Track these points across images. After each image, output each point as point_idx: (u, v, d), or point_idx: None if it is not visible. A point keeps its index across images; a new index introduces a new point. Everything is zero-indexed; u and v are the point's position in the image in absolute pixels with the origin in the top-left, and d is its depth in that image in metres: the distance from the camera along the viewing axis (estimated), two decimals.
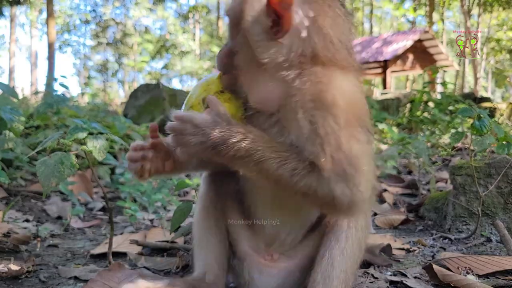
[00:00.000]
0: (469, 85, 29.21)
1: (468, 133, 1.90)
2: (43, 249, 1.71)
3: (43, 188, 1.27)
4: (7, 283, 1.33)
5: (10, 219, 2.01)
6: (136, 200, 2.54)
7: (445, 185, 2.78)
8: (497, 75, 29.55)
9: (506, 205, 1.76)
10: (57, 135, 1.33)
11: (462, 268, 1.36)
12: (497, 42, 25.74)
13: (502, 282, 1.29)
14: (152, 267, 1.48)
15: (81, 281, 1.36)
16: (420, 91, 6.89)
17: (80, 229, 2.08)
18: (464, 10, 21.56)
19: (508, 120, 6.67)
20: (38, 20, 32.46)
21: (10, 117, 1.57)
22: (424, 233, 1.94)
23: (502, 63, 28.96)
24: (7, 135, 1.63)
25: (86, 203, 2.56)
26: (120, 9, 34.70)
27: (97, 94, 14.00)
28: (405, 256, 1.60)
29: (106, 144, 1.38)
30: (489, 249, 1.66)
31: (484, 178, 1.80)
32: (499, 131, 1.65)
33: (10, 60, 29.31)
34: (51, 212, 2.27)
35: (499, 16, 24.28)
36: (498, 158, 1.80)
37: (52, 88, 3.54)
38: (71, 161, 1.29)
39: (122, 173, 3.03)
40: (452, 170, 1.91)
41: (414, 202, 2.50)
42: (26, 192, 2.50)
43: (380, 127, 5.11)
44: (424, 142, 2.62)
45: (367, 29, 31.88)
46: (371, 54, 17.13)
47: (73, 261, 1.58)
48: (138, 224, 2.19)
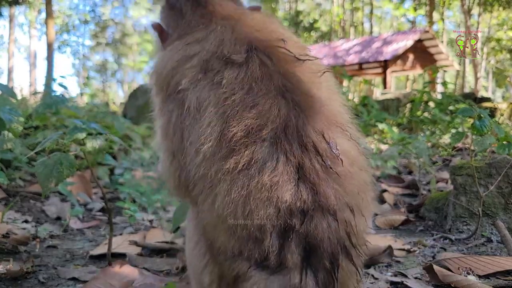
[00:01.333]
0: (469, 85, 29.22)
1: (468, 133, 1.90)
2: (42, 250, 1.71)
3: (42, 189, 1.26)
4: (6, 284, 1.32)
5: (9, 219, 2.01)
6: (135, 200, 2.53)
7: (446, 185, 2.78)
8: (497, 75, 29.55)
9: (506, 205, 1.75)
10: (56, 136, 1.32)
11: (463, 268, 1.35)
12: (497, 42, 25.72)
13: (502, 283, 1.29)
14: (151, 268, 1.47)
15: (80, 282, 1.36)
16: (421, 91, 6.89)
17: (79, 230, 2.08)
18: (464, 9, 21.56)
19: (509, 120, 6.67)
20: (37, 20, 32.44)
21: (9, 117, 1.56)
22: (425, 234, 1.94)
23: (502, 63, 28.95)
24: (6, 136, 1.62)
25: (85, 203, 2.55)
26: (119, 9, 34.72)
27: (96, 95, 13.96)
28: (406, 256, 1.60)
29: (106, 144, 1.37)
30: (490, 249, 1.65)
31: (484, 178, 1.79)
32: (499, 131, 1.64)
33: (9, 60, 29.28)
34: (50, 213, 2.26)
35: (500, 16, 24.27)
36: (498, 158, 1.80)
37: (51, 89, 3.53)
38: (70, 162, 1.29)
39: (121, 174, 3.02)
40: (452, 170, 1.90)
41: (414, 202, 2.49)
42: (25, 192, 2.49)
43: (380, 127, 5.10)
44: (424, 142, 2.61)
45: (367, 29, 31.87)
46: (371, 54, 17.12)
47: (73, 262, 1.58)
48: (138, 224, 2.19)
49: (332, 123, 0.84)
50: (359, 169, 0.84)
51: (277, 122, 0.80)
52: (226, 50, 0.90)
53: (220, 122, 0.82)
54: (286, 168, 0.77)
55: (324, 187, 0.78)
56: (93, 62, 37.58)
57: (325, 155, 0.80)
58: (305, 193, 0.77)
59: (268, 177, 0.77)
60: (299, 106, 0.83)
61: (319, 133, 0.81)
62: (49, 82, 3.89)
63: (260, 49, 0.89)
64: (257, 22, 0.98)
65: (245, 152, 0.78)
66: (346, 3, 31.26)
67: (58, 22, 32.34)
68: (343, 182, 0.80)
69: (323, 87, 0.91)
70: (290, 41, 0.94)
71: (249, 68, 0.86)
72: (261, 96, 0.83)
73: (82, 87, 31.78)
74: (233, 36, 0.93)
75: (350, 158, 0.83)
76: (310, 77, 0.90)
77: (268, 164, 0.78)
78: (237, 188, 0.78)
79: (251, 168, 0.78)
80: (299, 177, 0.78)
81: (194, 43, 0.96)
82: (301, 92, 0.85)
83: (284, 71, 0.87)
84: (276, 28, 0.99)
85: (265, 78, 0.85)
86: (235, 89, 0.84)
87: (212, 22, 1.00)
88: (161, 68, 0.99)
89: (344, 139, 0.84)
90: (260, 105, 0.82)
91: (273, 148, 0.79)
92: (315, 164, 0.78)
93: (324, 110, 0.85)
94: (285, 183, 0.77)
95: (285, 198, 0.76)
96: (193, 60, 0.91)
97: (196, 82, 0.89)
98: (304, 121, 0.81)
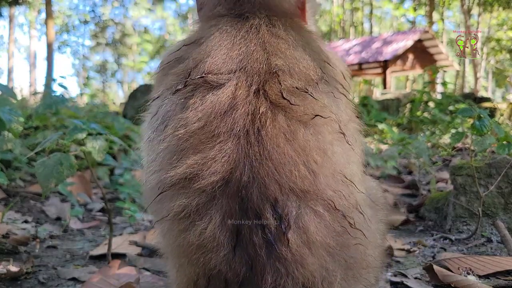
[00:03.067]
0: (469, 85, 29.21)
1: (468, 133, 1.90)
2: (42, 250, 1.70)
3: (42, 189, 1.26)
4: (6, 284, 1.32)
5: (9, 220, 2.01)
6: (135, 201, 2.53)
7: (446, 186, 2.78)
8: (497, 75, 29.56)
9: (506, 205, 1.75)
10: (56, 136, 1.32)
11: (463, 268, 1.35)
12: (497, 42, 25.72)
13: (503, 283, 1.28)
14: (151, 268, 1.47)
15: (80, 282, 1.36)
16: (420, 91, 6.90)
17: (79, 230, 2.08)
18: (464, 9, 21.56)
19: (509, 120, 6.67)
20: (37, 20, 32.46)
21: (9, 117, 1.56)
22: (425, 234, 1.94)
23: (502, 63, 28.95)
24: (6, 136, 1.62)
25: (85, 204, 2.55)
26: (119, 9, 34.72)
27: (96, 95, 13.95)
28: (405, 256, 1.60)
29: (106, 144, 1.37)
30: (490, 249, 1.65)
31: (484, 178, 1.79)
32: (499, 131, 1.64)
33: (9, 61, 29.27)
34: (50, 213, 2.26)
35: (499, 16, 24.27)
36: (498, 158, 1.80)
37: (51, 89, 3.53)
38: (70, 162, 1.29)
39: (121, 174, 3.02)
40: (452, 170, 1.90)
41: (414, 202, 2.49)
42: (25, 193, 2.49)
43: (380, 127, 5.10)
44: (424, 142, 2.61)
45: (367, 29, 31.88)
46: (371, 54, 17.12)
47: (72, 262, 1.58)
48: (138, 225, 2.18)
49: (307, 186, 0.65)
50: (324, 252, 0.67)
51: (220, 173, 0.65)
52: (211, 65, 0.72)
53: (166, 152, 0.70)
54: (218, 232, 0.65)
55: (262, 266, 0.65)
56: (93, 62, 37.59)
57: (270, 228, 0.64)
58: (239, 265, 0.65)
59: (196, 236, 0.66)
60: (260, 157, 0.65)
61: (265, 198, 0.64)
62: (49, 82, 3.89)
63: (248, 74, 0.71)
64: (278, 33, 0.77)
65: (179, 200, 0.67)
66: (346, 3, 31.26)
67: (58, 22, 32.35)
68: (287, 264, 0.65)
69: (325, 132, 0.70)
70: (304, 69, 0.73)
71: (218, 95, 0.69)
72: (214, 136, 0.67)
73: (82, 87, 31.69)
74: (233, 46, 0.75)
75: (310, 237, 0.65)
76: (303, 117, 0.69)
77: (199, 222, 0.65)
78: (169, 237, 0.70)
79: (181, 220, 0.67)
80: (236, 245, 0.65)
81: (197, 42, 0.79)
82: (275, 139, 0.66)
83: (265, 109, 0.68)
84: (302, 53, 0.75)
85: (229, 113, 0.68)
86: (193, 119, 0.68)
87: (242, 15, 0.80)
88: (165, 55, 0.83)
89: (322, 209, 0.66)
90: (209, 149, 0.66)
91: (210, 204, 0.65)
92: (253, 236, 0.64)
93: (303, 164, 0.66)
94: (215, 248, 0.65)
95: (213, 263, 0.66)
96: (182, 65, 0.76)
97: (172, 92, 0.74)
98: (255, 177, 0.64)
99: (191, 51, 0.76)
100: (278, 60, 0.72)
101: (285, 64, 0.72)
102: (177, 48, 0.80)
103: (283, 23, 0.78)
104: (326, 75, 0.75)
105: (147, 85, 6.95)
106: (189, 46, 0.79)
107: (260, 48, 0.73)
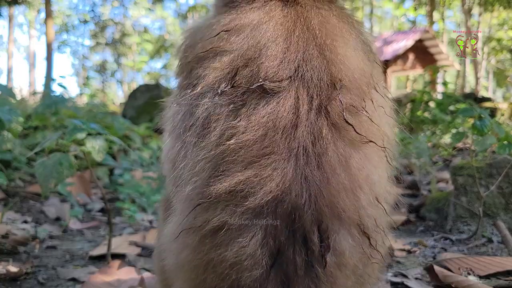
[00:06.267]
0: (470, 85, 29.20)
1: (469, 133, 1.89)
2: (42, 251, 1.70)
3: (42, 189, 1.26)
4: (5, 284, 1.32)
5: (8, 220, 2.00)
6: (135, 201, 2.53)
7: (446, 186, 2.77)
8: (498, 74, 29.56)
9: (507, 205, 1.75)
10: (55, 136, 1.32)
11: (463, 269, 1.35)
12: (498, 42, 25.72)
13: (503, 283, 1.28)
14: (151, 268, 1.47)
15: (80, 282, 1.35)
16: (421, 91, 6.89)
17: (79, 231, 2.07)
18: (464, 9, 21.55)
19: (509, 120, 6.67)
20: (36, 20, 32.48)
21: (8, 117, 1.56)
22: (425, 234, 1.93)
23: (503, 62, 28.95)
24: (5, 136, 1.62)
25: (84, 204, 2.55)
26: (118, 9, 34.72)
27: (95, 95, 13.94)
28: (406, 257, 1.60)
29: (105, 144, 1.37)
30: (491, 249, 1.65)
31: (485, 179, 1.79)
32: (500, 131, 1.64)
33: (8, 61, 29.27)
34: (50, 213, 2.26)
35: (500, 16, 24.27)
36: (499, 158, 1.79)
37: (50, 89, 3.53)
38: (69, 162, 1.29)
39: (121, 174, 3.02)
40: (453, 171, 1.90)
41: (415, 202, 2.49)
42: (25, 193, 2.49)
43: None
44: (425, 142, 2.62)
45: (367, 29, 31.83)
46: None
47: (72, 263, 1.57)
48: (137, 225, 2.18)
49: (351, 213, 0.64)
50: (351, 272, 0.66)
51: (273, 193, 0.61)
52: (267, 69, 0.63)
53: (208, 161, 0.64)
54: (259, 251, 0.61)
55: (297, 286, 0.62)
56: (93, 62, 37.59)
57: (313, 249, 0.62)
58: (274, 285, 0.62)
59: (233, 252, 0.62)
60: (319, 182, 0.62)
61: (315, 222, 0.62)
62: (48, 82, 3.89)
63: (307, 84, 0.64)
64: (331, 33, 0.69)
65: (219, 214, 0.62)
66: (346, 3, 31.20)
67: (57, 22, 32.35)
68: (320, 284, 0.63)
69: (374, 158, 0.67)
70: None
71: (279, 104, 0.62)
72: (271, 153, 0.62)
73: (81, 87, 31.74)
74: (290, 46, 0.66)
75: (344, 260, 0.64)
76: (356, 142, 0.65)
77: (239, 239, 0.62)
78: (195, 250, 0.65)
79: (218, 234, 0.63)
80: (273, 265, 0.62)
81: (240, 29, 0.68)
82: (333, 165, 0.63)
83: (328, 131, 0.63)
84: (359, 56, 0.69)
85: (290, 130, 0.62)
86: (246, 130, 0.62)
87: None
88: (197, 37, 0.74)
89: (357, 233, 0.65)
90: (264, 166, 0.61)
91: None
92: (296, 257, 0.62)
93: (349, 193, 0.63)
94: (252, 266, 0.62)
95: (245, 281, 0.62)
96: (225, 58, 0.67)
97: (216, 93, 0.65)
98: (312, 201, 0.62)
99: (234, 41, 0.67)
100: (339, 73, 0.65)
101: (345, 77, 0.66)
102: (214, 33, 0.69)
103: (331, 8, 0.72)
104: (376, 81, 0.70)
105: (147, 85, 6.94)
106: (229, 33, 0.68)
107: (318, 53, 0.66)
